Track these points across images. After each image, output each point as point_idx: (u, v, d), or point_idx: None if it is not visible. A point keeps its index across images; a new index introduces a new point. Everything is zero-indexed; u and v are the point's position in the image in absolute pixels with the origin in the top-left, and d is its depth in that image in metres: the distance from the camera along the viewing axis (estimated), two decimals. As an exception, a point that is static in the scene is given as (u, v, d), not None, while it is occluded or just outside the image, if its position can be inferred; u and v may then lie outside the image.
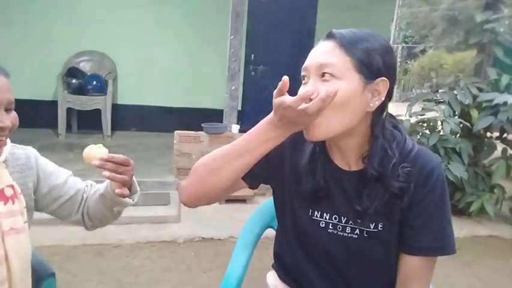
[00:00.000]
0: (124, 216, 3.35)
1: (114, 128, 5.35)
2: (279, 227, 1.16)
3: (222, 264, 2.78)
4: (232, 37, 3.88)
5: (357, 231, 0.98)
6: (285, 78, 0.84)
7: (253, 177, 1.04)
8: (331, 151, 1.01)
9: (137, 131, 5.75)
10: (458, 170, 3.42)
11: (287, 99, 0.83)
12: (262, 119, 0.97)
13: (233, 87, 3.99)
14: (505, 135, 3.79)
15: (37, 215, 1.17)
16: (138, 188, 1.15)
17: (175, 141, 3.92)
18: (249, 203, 3.82)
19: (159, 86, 5.70)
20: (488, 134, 3.86)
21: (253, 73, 5.94)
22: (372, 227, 0.97)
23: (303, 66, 0.93)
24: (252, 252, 1.43)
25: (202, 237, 3.14)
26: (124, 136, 5.43)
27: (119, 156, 1.04)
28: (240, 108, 5.23)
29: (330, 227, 1.00)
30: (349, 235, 0.99)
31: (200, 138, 3.95)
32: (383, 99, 0.91)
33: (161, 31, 5.62)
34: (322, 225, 1.01)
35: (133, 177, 1.12)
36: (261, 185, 1.09)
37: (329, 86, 0.85)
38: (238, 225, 3.22)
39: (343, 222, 0.99)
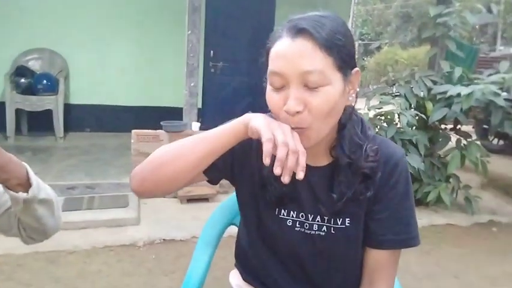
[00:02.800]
0: (79, 221, 3.22)
1: (67, 129, 5.11)
2: (242, 225, 1.11)
3: (184, 266, 2.67)
4: (189, 32, 3.79)
5: (325, 228, 0.94)
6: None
7: (215, 170, 0.96)
8: None
9: (92, 131, 5.52)
10: (415, 161, 3.49)
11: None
12: (223, 116, 0.92)
13: (192, 84, 3.89)
14: (458, 126, 3.92)
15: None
16: (37, 183, 0.97)
17: (132, 141, 3.77)
18: (212, 202, 3.74)
19: (114, 84, 5.49)
20: (443, 126, 3.98)
21: (212, 70, 5.83)
22: (339, 223, 0.94)
23: (273, 70, 0.82)
24: (213, 251, 1.37)
25: (163, 239, 3.03)
26: (78, 137, 5.20)
27: None
28: (200, 106, 5.13)
29: (297, 225, 0.96)
30: (316, 233, 0.95)
31: (159, 137, 3.83)
32: (358, 89, 0.88)
33: (115, 27, 5.42)
34: (289, 223, 0.96)
35: (30, 170, 0.95)
36: (224, 182, 1.03)
37: (318, 96, 0.79)
38: (200, 225, 3.11)
39: (310, 219, 0.95)
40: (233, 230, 1.36)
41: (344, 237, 0.94)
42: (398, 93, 3.93)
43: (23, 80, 4.81)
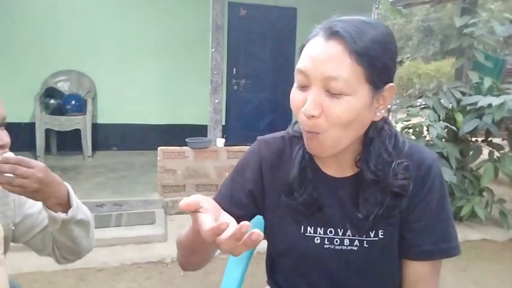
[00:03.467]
0: (108, 238, 3.23)
1: (95, 147, 5.20)
2: (269, 246, 1.05)
3: (212, 283, 2.66)
4: (213, 49, 3.83)
5: (357, 242, 0.89)
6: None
7: (242, 209, 0.95)
8: (321, 159, 0.92)
9: (118, 150, 5.60)
10: (446, 175, 3.39)
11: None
12: (246, 132, 0.91)
13: (216, 101, 3.92)
14: (490, 138, 3.80)
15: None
16: (76, 204, 0.98)
17: (158, 158, 3.81)
18: (238, 218, 3.71)
19: (140, 103, 5.58)
20: (474, 138, 3.87)
21: (235, 87, 5.90)
22: (372, 236, 0.89)
23: (299, 68, 0.79)
24: (246, 267, 1.33)
25: (191, 256, 3.01)
26: (105, 156, 5.28)
27: (15, 156, 0.88)
28: (224, 123, 5.16)
29: (326, 242, 0.91)
30: (348, 248, 0.90)
31: (185, 154, 3.85)
32: (389, 106, 0.85)
33: (140, 47, 5.54)
34: (317, 241, 0.91)
35: (71, 191, 0.98)
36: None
37: (338, 104, 0.76)
38: (227, 241, 3.13)
39: (340, 234, 0.90)
40: (261, 246, 1.33)
41: (378, 250, 0.89)
42: (426, 105, 3.85)
43: (52, 101, 4.93)
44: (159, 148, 3.82)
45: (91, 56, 5.37)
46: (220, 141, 3.94)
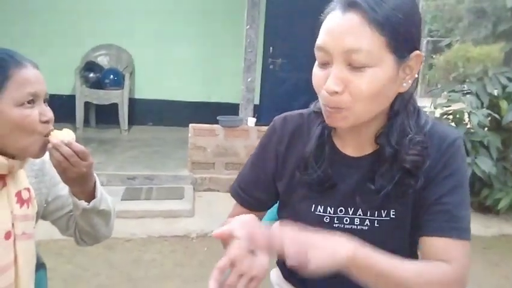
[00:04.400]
0: (137, 210, 3.33)
1: (131, 122, 5.32)
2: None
3: (235, 260, 2.69)
4: (248, 27, 3.78)
5: (367, 221, 0.87)
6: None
7: (262, 206, 1.01)
8: (339, 136, 0.89)
9: (153, 125, 5.71)
10: (486, 165, 3.23)
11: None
12: (280, 113, 0.94)
13: (249, 79, 3.89)
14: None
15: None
16: (100, 195, 1.03)
17: (189, 135, 3.85)
18: (265, 198, 3.72)
19: (175, 80, 5.63)
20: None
21: (271, 66, 5.81)
22: (384, 215, 0.86)
23: (318, 44, 0.77)
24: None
25: (216, 232, 3.05)
26: (140, 130, 5.41)
27: (78, 145, 0.93)
28: (257, 103, 5.12)
29: (336, 221, 0.89)
30: (358, 227, 0.87)
31: (215, 132, 3.87)
32: (416, 75, 0.79)
33: (177, 23, 5.54)
34: (326, 220, 0.89)
35: (97, 183, 1.03)
36: None
37: (361, 78, 0.73)
38: (252, 220, 3.15)
39: (350, 213, 0.88)
40: None
41: (390, 230, 0.86)
42: (469, 91, 3.65)
43: (91, 75, 5.07)
44: (190, 125, 3.85)
45: (129, 31, 5.44)
46: (251, 121, 3.92)
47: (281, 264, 1.08)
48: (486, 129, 3.59)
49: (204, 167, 3.87)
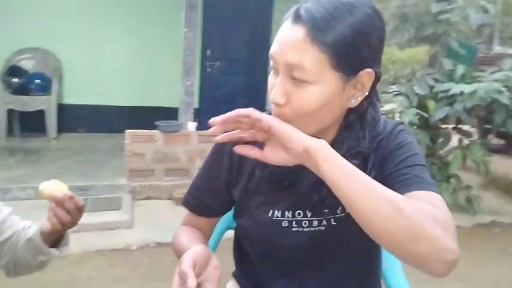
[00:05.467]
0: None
1: (60, 129, 4.98)
2: (239, 234, 1.02)
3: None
4: (186, 29, 3.69)
5: (324, 221, 0.87)
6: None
7: (215, 213, 1.00)
8: None
9: (85, 132, 5.39)
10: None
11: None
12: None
13: (188, 83, 3.80)
14: (460, 125, 3.84)
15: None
16: (70, 241, 1.02)
17: (126, 141, 3.68)
18: (208, 204, 3.64)
19: (109, 84, 5.37)
20: (444, 125, 3.90)
21: (209, 69, 5.75)
22: (339, 212, 0.86)
23: (270, 52, 0.75)
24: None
25: (158, 243, 2.93)
26: (71, 138, 5.08)
27: (80, 199, 0.93)
28: (197, 107, 5.03)
29: (294, 224, 0.88)
30: (317, 228, 0.87)
31: (154, 137, 3.73)
32: (367, 93, 0.76)
33: (109, 25, 5.30)
34: (285, 224, 0.88)
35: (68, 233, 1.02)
36: None
37: (301, 94, 0.72)
38: (196, 228, 3.06)
39: (308, 216, 0.87)
40: (230, 233, 1.29)
41: (347, 225, 0.83)
42: (399, 92, 3.84)
43: (15, 80, 4.70)
44: (127, 131, 3.68)
45: (58, 34, 5.11)
46: (192, 125, 3.84)
47: (239, 274, 1.04)
48: (415, 127, 3.80)
49: (143, 175, 3.72)
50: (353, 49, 0.70)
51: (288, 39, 0.71)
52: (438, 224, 0.63)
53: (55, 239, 0.98)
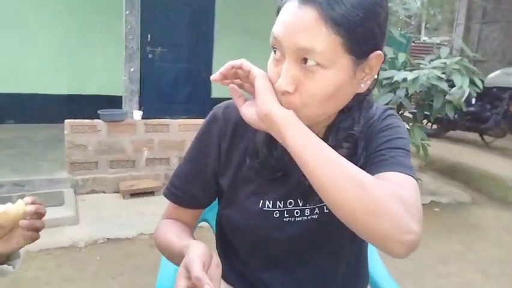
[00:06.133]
0: (8, 223, 2.83)
1: (-13, 121, 4.57)
2: (221, 226, 0.96)
3: (133, 267, 2.48)
4: (127, 12, 3.49)
5: (316, 210, 0.84)
6: None
7: (201, 203, 0.94)
8: None
9: (15, 123, 4.97)
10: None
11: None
12: (164, 104, 0.80)
13: (132, 69, 3.61)
14: (401, 111, 4.01)
15: None
16: (21, 253, 0.93)
17: (66, 132, 3.43)
18: (158, 195, 3.51)
19: (40, 71, 4.96)
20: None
21: (150, 55, 5.52)
22: None
23: (273, 32, 0.69)
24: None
25: (107, 238, 2.78)
26: (0, 130, 4.66)
27: (41, 207, 0.87)
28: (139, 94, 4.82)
29: (286, 214, 0.85)
30: (309, 217, 0.85)
31: (97, 128, 3.51)
32: (376, 76, 0.74)
33: (39, 5, 4.88)
34: (276, 215, 0.85)
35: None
36: (170, 173, 0.93)
37: (313, 79, 0.67)
38: (148, 221, 2.95)
39: (300, 205, 0.84)
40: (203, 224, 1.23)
41: None
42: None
43: None
44: (66, 121, 3.43)
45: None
46: (137, 114, 3.66)
47: (225, 270, 0.99)
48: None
49: (86, 167, 3.50)
50: (367, 30, 0.67)
51: (298, 21, 0.65)
52: (401, 203, 0.63)
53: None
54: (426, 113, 4.02)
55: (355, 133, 0.79)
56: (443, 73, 3.45)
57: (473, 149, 5.71)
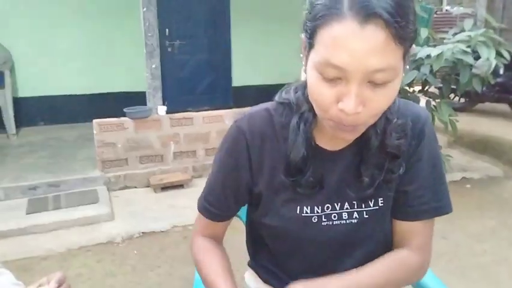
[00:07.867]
0: (48, 223, 2.97)
1: (19, 124, 4.71)
2: (259, 229, 0.96)
3: (170, 258, 2.56)
4: (145, 9, 3.52)
5: (356, 214, 0.84)
6: None
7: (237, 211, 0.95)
8: (319, 131, 0.82)
9: (45, 124, 5.13)
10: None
11: None
12: (187, 97, 0.80)
13: (153, 66, 3.65)
14: (426, 87, 3.93)
15: None
16: None
17: (95, 132, 3.52)
18: (187, 188, 3.59)
19: (65, 73, 5.07)
20: (411, 89, 3.97)
21: (169, 49, 5.56)
22: (372, 205, 0.84)
23: (331, 63, 0.63)
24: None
25: (143, 232, 2.87)
26: (31, 132, 4.81)
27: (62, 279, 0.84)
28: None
29: (324, 219, 0.85)
30: (348, 221, 0.85)
31: (124, 125, 3.59)
32: (407, 67, 0.73)
33: (61, 9, 4.97)
34: (314, 220, 0.85)
35: None
36: (197, 165, 0.93)
37: (382, 94, 0.66)
38: (179, 213, 3.02)
39: (338, 209, 0.84)
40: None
41: (379, 218, 0.86)
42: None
43: (-38, 76, 4.36)
44: (94, 121, 3.52)
45: (4, 23, 4.74)
46: (162, 109, 3.72)
47: (258, 265, 1.02)
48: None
49: (116, 164, 3.59)
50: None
51: (366, 45, 0.61)
52: (422, 273, 0.89)
53: None
54: (452, 87, 3.92)
55: (400, 122, 0.80)
56: (468, 46, 3.35)
57: (503, 121, 5.55)
